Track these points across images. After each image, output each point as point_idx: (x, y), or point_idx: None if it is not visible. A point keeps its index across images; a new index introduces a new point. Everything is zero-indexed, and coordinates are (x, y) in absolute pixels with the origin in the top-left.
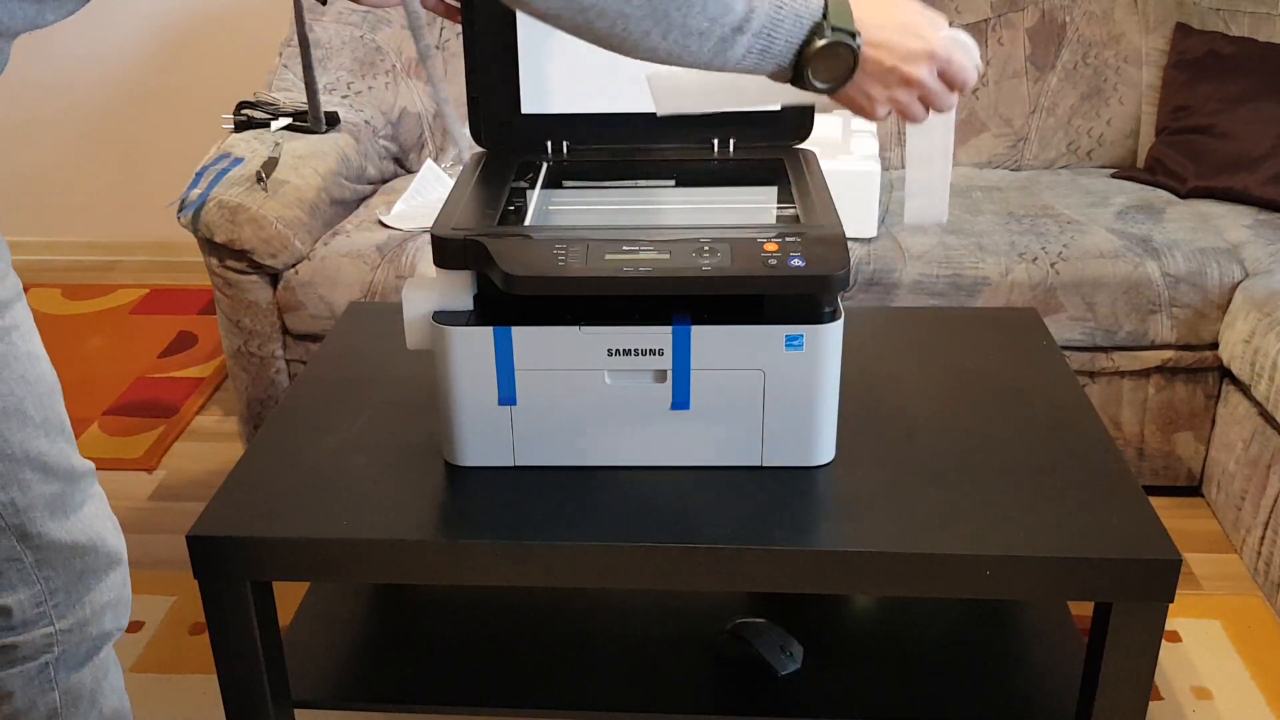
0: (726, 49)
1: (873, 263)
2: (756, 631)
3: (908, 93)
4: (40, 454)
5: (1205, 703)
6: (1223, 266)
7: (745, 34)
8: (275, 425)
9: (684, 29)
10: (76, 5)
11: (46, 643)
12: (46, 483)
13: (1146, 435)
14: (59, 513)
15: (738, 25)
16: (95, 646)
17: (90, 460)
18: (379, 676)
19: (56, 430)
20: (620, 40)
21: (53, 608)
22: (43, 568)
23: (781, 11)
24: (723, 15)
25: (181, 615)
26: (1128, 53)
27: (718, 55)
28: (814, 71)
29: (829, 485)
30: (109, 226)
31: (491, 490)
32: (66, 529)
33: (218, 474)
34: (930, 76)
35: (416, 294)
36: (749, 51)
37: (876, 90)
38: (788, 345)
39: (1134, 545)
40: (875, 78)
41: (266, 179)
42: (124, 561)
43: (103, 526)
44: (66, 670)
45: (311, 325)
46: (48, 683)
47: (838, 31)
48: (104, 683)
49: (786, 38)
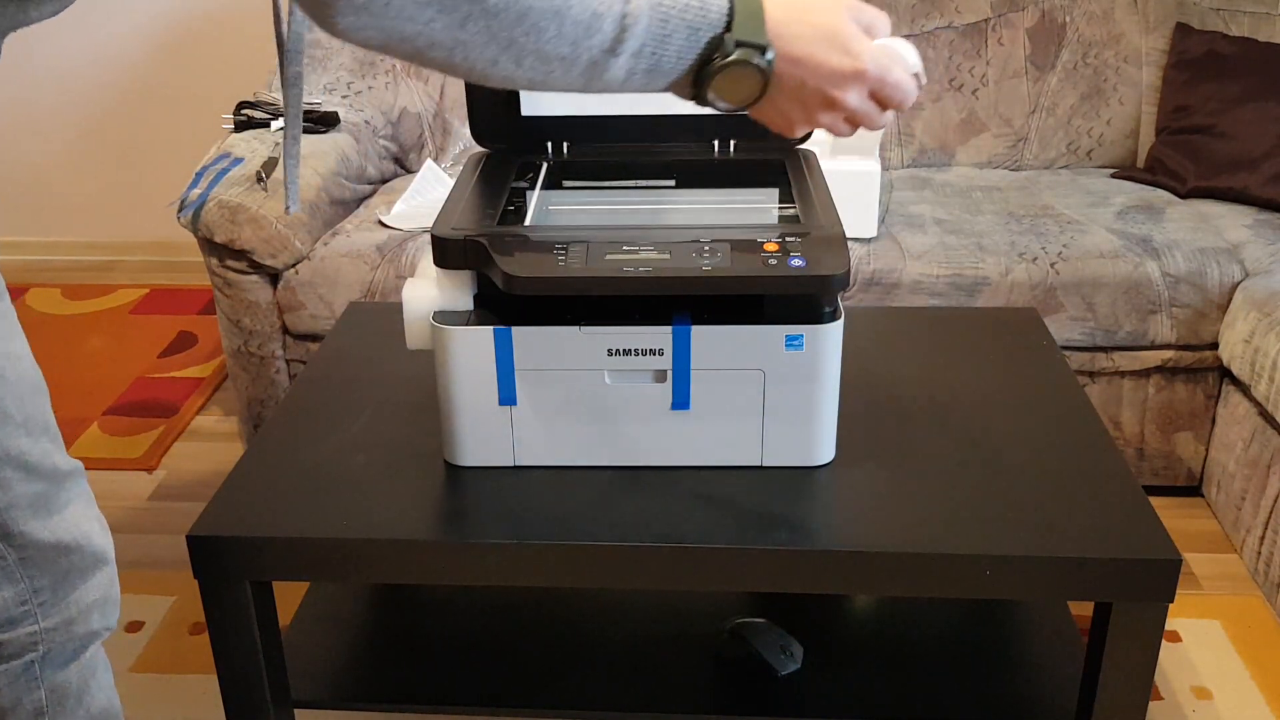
0: (601, 73)
1: (873, 263)
2: (756, 631)
3: (831, 115)
4: (21, 453)
5: (1205, 703)
6: (1223, 266)
7: (621, 55)
8: (275, 425)
9: (540, 55)
10: (61, 5)
11: (31, 641)
12: (28, 482)
13: (1146, 435)
14: (42, 512)
15: (608, 47)
16: (82, 645)
17: (79, 460)
18: (379, 676)
19: (39, 430)
20: (469, 70)
21: (38, 606)
22: (26, 566)
23: (668, 26)
24: (586, 38)
25: (181, 615)
26: (1128, 53)
27: (593, 80)
28: (716, 91)
29: (829, 485)
30: (109, 226)
31: (491, 490)
32: (50, 528)
33: (218, 474)
34: (858, 99)
35: (416, 294)
36: (631, 73)
37: (794, 111)
38: (788, 345)
39: (1134, 545)
40: (792, 97)
41: (266, 179)
42: (111, 561)
43: (88, 526)
44: (52, 669)
45: (311, 325)
46: (33, 681)
47: (743, 47)
48: (92, 681)
49: (678, 54)
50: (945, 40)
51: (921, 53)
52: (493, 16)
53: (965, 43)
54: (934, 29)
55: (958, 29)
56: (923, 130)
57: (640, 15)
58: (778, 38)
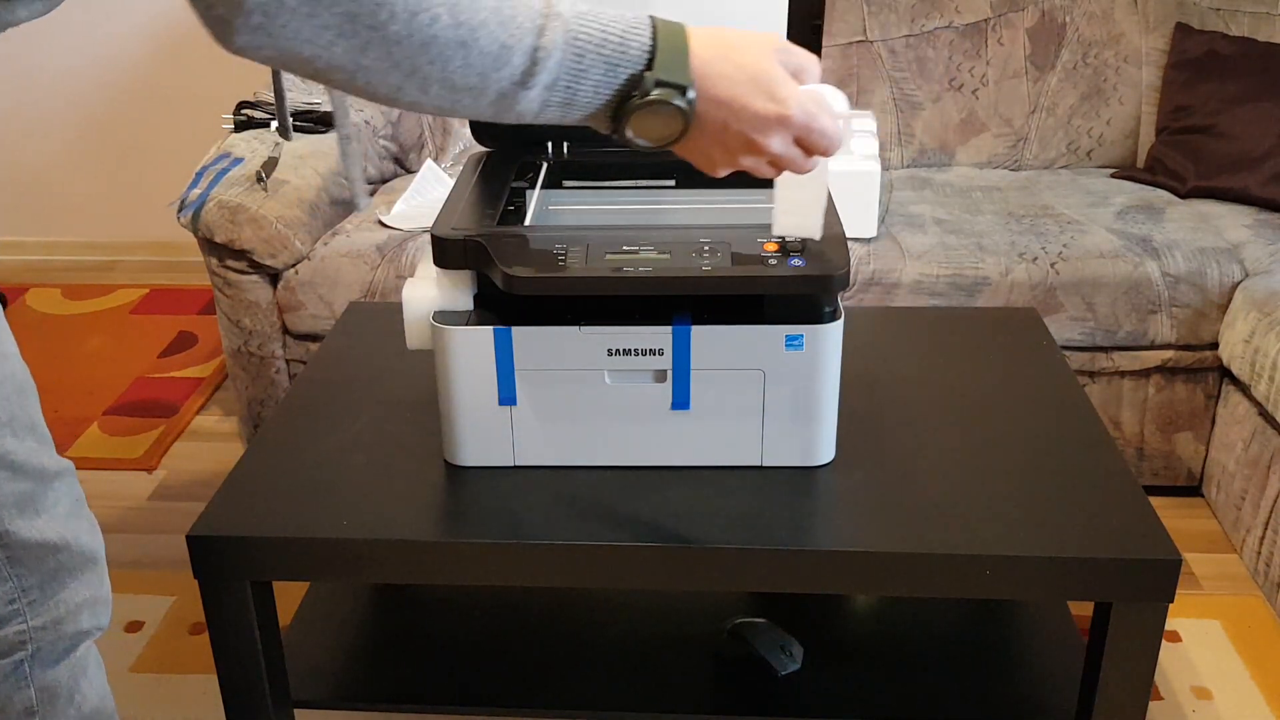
0: (512, 104)
1: (873, 263)
2: (756, 631)
3: (754, 159)
4: (6, 452)
5: (1205, 703)
6: (1223, 266)
7: (532, 88)
8: (275, 425)
9: (446, 84)
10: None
11: (20, 639)
12: (14, 481)
13: (1146, 435)
14: (29, 511)
15: (518, 80)
16: (72, 645)
17: (80, 459)
18: (379, 676)
19: (25, 429)
20: (374, 94)
21: (26, 605)
22: (14, 565)
23: (583, 61)
24: (494, 69)
25: (181, 615)
26: (1128, 53)
27: (504, 110)
28: (634, 130)
29: (829, 485)
30: (109, 226)
31: (491, 490)
32: (37, 527)
33: (218, 474)
34: (782, 144)
35: (416, 294)
36: (546, 105)
37: (716, 152)
38: (788, 345)
39: (1134, 545)
40: (714, 139)
41: (266, 179)
42: (101, 561)
43: (77, 526)
44: (42, 667)
45: (311, 325)
46: (23, 679)
47: (664, 86)
48: (83, 681)
49: (594, 89)
50: (945, 40)
51: (921, 52)
52: (395, 43)
53: (965, 43)
54: (934, 29)
55: (958, 29)
56: (923, 130)
57: (554, 49)
58: (702, 78)
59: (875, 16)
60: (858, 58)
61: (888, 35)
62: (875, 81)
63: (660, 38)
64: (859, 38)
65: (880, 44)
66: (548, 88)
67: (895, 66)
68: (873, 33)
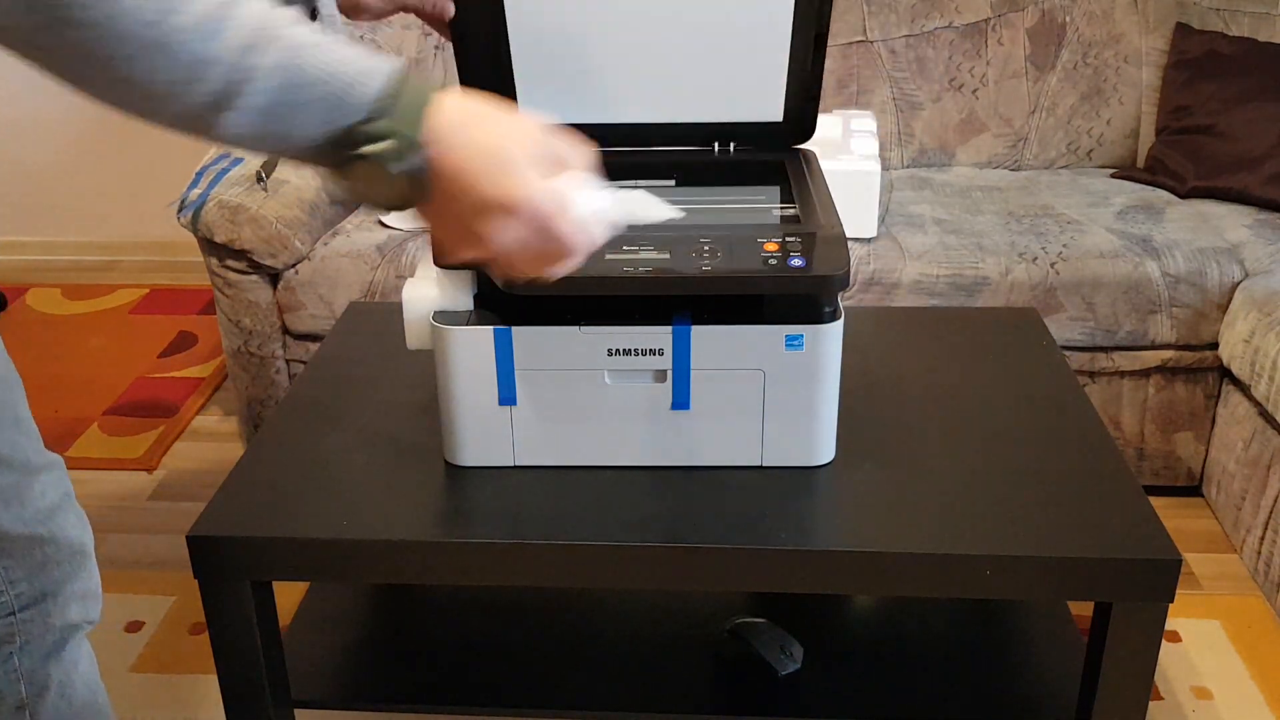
0: (209, 126)
1: (873, 263)
2: (756, 631)
3: (479, 249)
4: None
5: (1205, 703)
6: (1223, 266)
7: (234, 110)
8: (275, 425)
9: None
10: None
11: (8, 632)
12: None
13: (1146, 435)
14: (13, 504)
15: (213, 102)
16: (62, 638)
17: (58, 454)
18: (379, 676)
19: (9, 423)
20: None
21: (14, 597)
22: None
23: (300, 94)
24: (185, 83)
25: (181, 615)
26: (1128, 53)
27: (207, 130)
28: (351, 186)
29: (829, 485)
30: (109, 226)
31: (491, 490)
32: (23, 520)
33: (218, 474)
34: (514, 239)
35: (416, 294)
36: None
37: (447, 232)
38: (788, 345)
39: (1134, 545)
40: (441, 216)
41: (266, 179)
42: (90, 554)
43: (64, 519)
44: (31, 660)
45: (311, 325)
46: (12, 672)
47: (385, 142)
48: (74, 674)
49: (304, 128)
50: (945, 40)
51: (921, 52)
52: (79, 27)
53: (965, 43)
54: (934, 29)
55: (958, 29)
56: (923, 130)
57: (265, 73)
58: (435, 143)
59: (875, 16)
60: (858, 58)
61: (888, 35)
62: (875, 81)
63: (403, 93)
64: (859, 38)
65: (880, 44)
66: (261, 111)
67: (895, 66)
68: (873, 33)
